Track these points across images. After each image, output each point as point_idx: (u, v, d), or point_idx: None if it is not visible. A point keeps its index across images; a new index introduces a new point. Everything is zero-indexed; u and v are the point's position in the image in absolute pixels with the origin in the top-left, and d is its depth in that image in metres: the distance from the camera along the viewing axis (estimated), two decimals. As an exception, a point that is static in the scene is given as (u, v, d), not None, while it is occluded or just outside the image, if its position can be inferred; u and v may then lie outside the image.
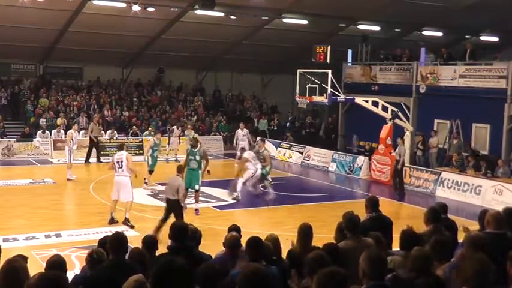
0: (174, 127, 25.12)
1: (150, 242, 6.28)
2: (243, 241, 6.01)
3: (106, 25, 24.32)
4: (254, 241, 5.58)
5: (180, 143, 24.23)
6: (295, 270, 4.97)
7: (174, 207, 11.41)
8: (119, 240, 5.22)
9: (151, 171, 18.14)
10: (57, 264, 4.96)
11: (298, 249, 6.05)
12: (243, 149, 21.37)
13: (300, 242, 6.15)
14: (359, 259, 4.41)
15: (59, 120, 25.44)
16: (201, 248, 6.68)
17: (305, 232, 6.19)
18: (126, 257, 5.38)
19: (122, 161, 12.95)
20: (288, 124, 30.16)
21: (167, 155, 24.09)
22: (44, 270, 4.76)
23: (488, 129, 20.42)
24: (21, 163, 22.30)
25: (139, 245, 6.36)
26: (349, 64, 26.25)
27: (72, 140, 19.30)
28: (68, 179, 18.68)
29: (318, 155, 23.66)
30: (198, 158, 14.40)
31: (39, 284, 3.57)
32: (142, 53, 28.47)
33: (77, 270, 8.95)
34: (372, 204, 7.44)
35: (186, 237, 6.05)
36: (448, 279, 4.93)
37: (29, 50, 26.36)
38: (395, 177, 18.61)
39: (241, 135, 23.26)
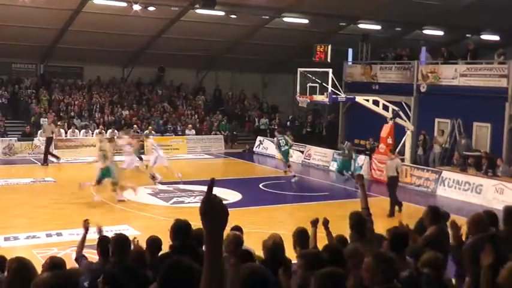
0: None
1: (154, 242, 6.24)
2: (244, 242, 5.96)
3: (106, 24, 24.30)
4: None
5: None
6: (283, 268, 4.92)
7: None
8: (120, 241, 5.20)
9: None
10: (56, 266, 4.94)
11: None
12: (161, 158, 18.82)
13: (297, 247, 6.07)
14: (365, 260, 4.39)
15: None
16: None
17: (299, 236, 6.08)
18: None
19: None
20: (288, 123, 30.12)
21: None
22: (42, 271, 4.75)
23: (489, 128, 20.39)
24: (22, 162, 22.31)
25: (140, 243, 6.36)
26: (350, 63, 26.21)
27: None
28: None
29: (319, 154, 23.65)
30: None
31: (52, 282, 3.50)
32: (143, 52, 28.45)
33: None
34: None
35: (189, 235, 5.81)
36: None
37: (29, 49, 26.34)
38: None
39: (152, 145, 19.53)
